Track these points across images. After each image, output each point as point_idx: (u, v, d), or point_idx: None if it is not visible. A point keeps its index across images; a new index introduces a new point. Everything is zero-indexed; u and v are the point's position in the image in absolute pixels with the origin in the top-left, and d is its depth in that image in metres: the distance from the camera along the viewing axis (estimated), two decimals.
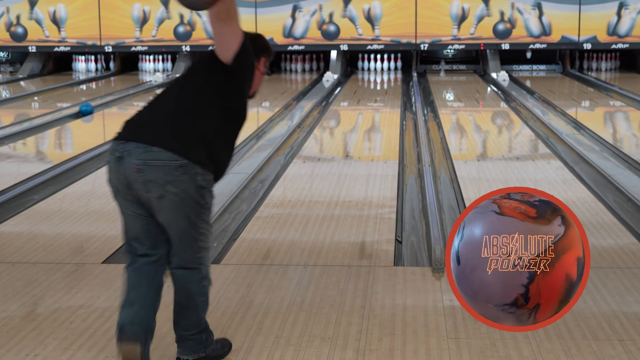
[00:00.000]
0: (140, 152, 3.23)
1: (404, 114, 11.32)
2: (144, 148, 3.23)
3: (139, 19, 16.84)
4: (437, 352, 3.59)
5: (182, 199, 3.23)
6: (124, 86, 15.01)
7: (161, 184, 3.21)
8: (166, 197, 3.23)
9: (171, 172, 3.21)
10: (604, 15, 16.24)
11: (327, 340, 3.71)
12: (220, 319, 3.97)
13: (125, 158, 3.26)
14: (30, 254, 5.07)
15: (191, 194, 3.24)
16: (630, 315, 3.99)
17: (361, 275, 4.58)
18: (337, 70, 16.19)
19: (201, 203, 3.29)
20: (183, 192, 3.22)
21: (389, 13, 16.47)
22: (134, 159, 3.23)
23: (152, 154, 3.21)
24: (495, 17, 16.33)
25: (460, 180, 7.06)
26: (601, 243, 5.25)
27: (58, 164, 7.89)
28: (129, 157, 3.25)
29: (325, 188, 6.88)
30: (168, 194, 3.22)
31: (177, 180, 3.21)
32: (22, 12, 17.05)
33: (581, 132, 9.61)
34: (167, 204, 3.24)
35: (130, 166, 3.24)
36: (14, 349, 3.66)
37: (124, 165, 3.26)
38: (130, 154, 3.24)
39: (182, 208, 3.25)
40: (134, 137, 3.27)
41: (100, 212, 6.09)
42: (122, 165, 3.27)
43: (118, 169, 3.30)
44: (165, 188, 3.21)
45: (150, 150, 3.22)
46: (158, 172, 3.21)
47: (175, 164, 3.21)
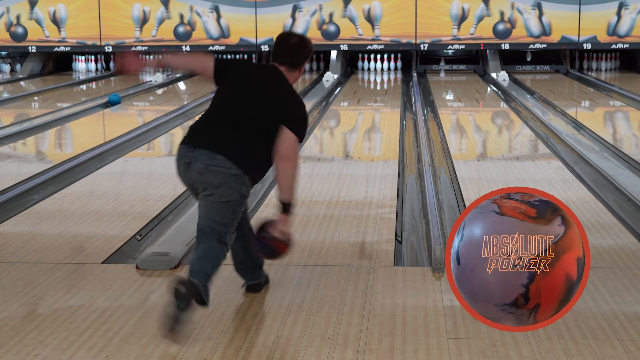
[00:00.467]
0: (206, 158, 3.85)
1: (404, 114, 11.32)
2: (208, 155, 3.86)
3: (139, 19, 16.84)
4: (437, 352, 3.59)
5: (227, 201, 3.87)
6: (124, 86, 15.01)
7: (215, 186, 3.84)
8: (214, 195, 3.85)
9: (226, 178, 3.84)
10: (604, 15, 16.24)
11: (327, 340, 3.71)
12: (220, 319, 3.97)
13: (192, 163, 3.88)
14: (30, 254, 5.07)
15: (236, 199, 3.88)
16: (630, 315, 3.99)
17: (361, 275, 4.58)
18: (337, 70, 16.20)
19: (236, 211, 3.91)
20: (229, 195, 3.86)
21: (389, 13, 16.47)
22: (199, 163, 3.86)
23: (214, 160, 3.85)
24: (495, 17, 16.34)
25: (460, 180, 7.06)
26: (601, 243, 5.25)
27: (58, 164, 7.89)
28: (195, 163, 3.87)
29: (325, 188, 6.88)
30: (217, 194, 3.85)
31: (228, 185, 3.85)
32: (22, 12, 17.05)
33: (581, 132, 9.61)
34: (213, 201, 3.86)
35: (195, 169, 3.88)
36: (14, 349, 3.66)
37: (191, 169, 3.89)
38: (197, 160, 3.87)
39: (223, 207, 3.87)
40: (201, 145, 3.90)
41: (100, 212, 6.09)
42: (189, 169, 3.90)
43: (186, 173, 3.93)
44: (218, 189, 3.84)
45: (214, 157, 3.85)
46: (216, 175, 3.84)
47: (230, 172, 3.84)
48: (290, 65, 4.07)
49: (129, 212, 6.09)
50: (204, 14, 16.67)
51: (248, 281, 4.35)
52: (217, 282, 4.46)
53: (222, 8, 16.60)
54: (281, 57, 4.07)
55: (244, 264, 4.30)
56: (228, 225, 3.90)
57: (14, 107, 12.58)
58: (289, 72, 4.08)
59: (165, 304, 3.82)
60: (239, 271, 4.34)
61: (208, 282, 3.77)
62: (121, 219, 5.88)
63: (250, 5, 16.40)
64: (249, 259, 4.29)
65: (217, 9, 16.59)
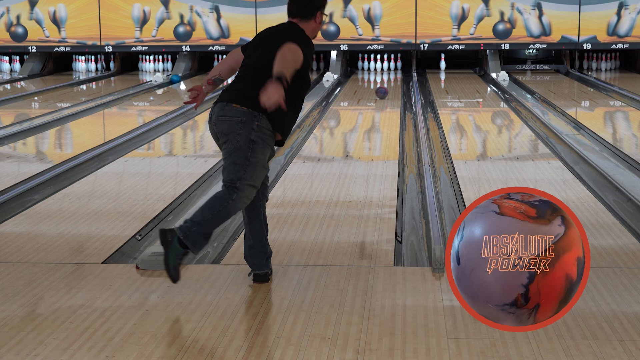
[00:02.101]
0: (218, 110, 4.26)
1: (404, 114, 11.33)
2: (220, 106, 4.26)
3: (139, 19, 16.84)
4: (437, 352, 3.59)
5: (235, 148, 4.17)
6: (124, 86, 15.02)
7: (224, 134, 4.20)
8: (226, 143, 4.20)
9: (233, 126, 4.17)
10: (604, 15, 16.24)
11: (327, 340, 3.71)
12: (220, 319, 3.97)
13: (212, 117, 4.32)
14: (31, 254, 5.07)
15: (244, 144, 4.17)
16: (630, 315, 3.99)
17: (361, 275, 4.58)
18: (337, 70, 16.20)
19: (248, 156, 4.16)
20: (238, 142, 4.16)
21: (388, 13, 16.47)
22: (215, 115, 4.29)
23: (224, 110, 4.22)
24: (495, 17, 16.34)
25: (460, 180, 7.06)
26: (601, 243, 5.25)
27: (58, 164, 7.89)
28: (213, 115, 4.31)
29: (325, 188, 6.88)
30: (227, 142, 4.20)
31: (235, 132, 4.17)
32: (22, 12, 17.06)
33: (581, 132, 9.61)
34: (225, 149, 4.22)
35: (212, 122, 4.27)
36: (14, 349, 3.66)
37: (211, 122, 4.29)
38: (214, 112, 4.30)
39: (234, 154, 4.18)
40: (219, 99, 4.33)
41: (100, 212, 6.09)
42: (210, 122, 4.31)
43: (210, 127, 4.33)
44: (227, 136, 4.19)
45: (224, 108, 4.22)
46: (224, 124, 4.19)
47: (237, 119, 4.17)
48: (302, 16, 4.34)
49: (129, 212, 6.09)
50: (204, 14, 16.67)
51: (255, 270, 4.43)
52: (217, 282, 4.47)
53: (222, 8, 16.60)
54: (293, 11, 4.38)
55: (254, 249, 4.41)
56: (239, 170, 4.15)
57: (14, 107, 12.58)
58: (304, 23, 4.35)
59: None
60: (249, 257, 4.44)
61: (188, 231, 4.14)
62: (121, 219, 5.88)
63: (250, 5, 16.40)
64: (259, 245, 4.40)
65: (217, 9, 16.59)
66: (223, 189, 4.22)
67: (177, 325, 3.90)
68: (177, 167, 7.85)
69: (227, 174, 4.20)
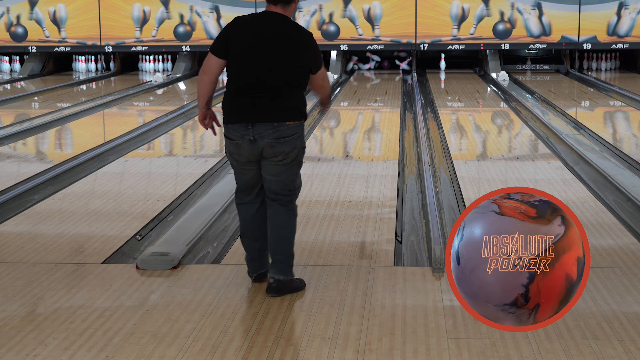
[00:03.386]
0: (272, 132, 4.24)
1: (404, 114, 11.32)
2: (271, 127, 4.25)
3: (139, 19, 16.84)
4: (437, 352, 3.59)
5: (294, 161, 4.35)
6: (124, 86, 15.02)
7: (287, 153, 4.28)
8: (286, 159, 4.29)
9: (293, 142, 4.30)
10: (604, 15, 16.24)
11: (327, 340, 3.71)
12: (220, 319, 3.97)
13: (258, 140, 4.26)
14: (31, 254, 5.07)
15: (301, 154, 4.40)
16: (630, 315, 3.99)
17: (361, 275, 4.58)
18: (337, 70, 16.19)
19: (301, 161, 4.39)
20: (298, 155, 4.36)
21: (389, 13, 16.47)
22: (267, 138, 4.24)
23: (279, 132, 4.25)
24: (495, 17, 16.34)
25: (460, 180, 7.06)
26: (601, 243, 5.25)
27: (58, 164, 7.89)
28: (261, 139, 4.26)
29: (325, 188, 6.88)
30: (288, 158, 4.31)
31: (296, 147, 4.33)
32: (22, 12, 17.05)
33: (581, 132, 9.61)
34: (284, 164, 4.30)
35: (265, 144, 4.25)
36: (14, 349, 3.66)
37: (258, 145, 4.26)
38: (261, 135, 4.23)
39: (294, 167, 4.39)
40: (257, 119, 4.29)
41: (100, 212, 6.09)
42: (256, 144, 4.26)
43: (252, 149, 4.28)
44: (289, 154, 4.30)
45: (278, 129, 4.26)
46: (286, 144, 4.28)
47: (296, 136, 4.31)
48: (284, 2, 4.29)
49: (129, 212, 6.09)
50: (204, 14, 16.67)
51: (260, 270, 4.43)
52: (217, 282, 4.47)
53: (222, 8, 16.60)
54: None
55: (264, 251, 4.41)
56: (294, 180, 4.30)
57: (14, 107, 12.58)
58: (285, 8, 4.30)
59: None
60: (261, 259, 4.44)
61: (291, 267, 4.27)
62: (121, 219, 5.88)
63: (249, 5, 16.40)
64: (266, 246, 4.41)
65: (217, 9, 16.59)
66: (279, 203, 4.27)
67: (177, 325, 3.90)
68: (177, 167, 7.85)
69: (282, 185, 4.27)
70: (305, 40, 4.34)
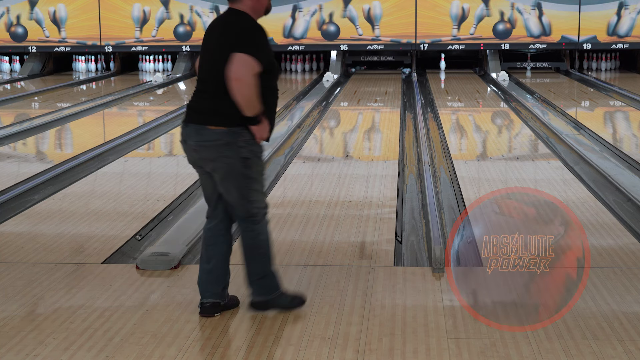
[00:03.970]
0: (194, 134, 3.95)
1: (404, 114, 11.32)
2: (195, 129, 3.95)
3: (139, 19, 16.84)
4: (437, 352, 3.59)
5: (230, 172, 3.93)
6: (124, 86, 15.01)
7: (212, 160, 3.95)
8: (217, 171, 3.97)
9: (218, 149, 3.92)
10: (604, 15, 16.24)
11: (327, 340, 3.71)
12: (220, 318, 3.97)
13: (187, 141, 4.00)
14: (31, 254, 5.07)
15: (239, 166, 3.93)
16: (630, 315, 3.99)
17: (361, 275, 4.58)
18: (337, 70, 16.20)
19: (247, 174, 3.93)
20: (230, 165, 3.92)
21: (389, 13, 16.47)
22: (191, 140, 3.97)
23: (202, 136, 3.92)
24: (495, 17, 16.33)
25: (460, 180, 7.06)
26: (601, 243, 5.25)
27: (58, 164, 7.89)
28: (189, 140, 3.99)
29: (325, 188, 6.88)
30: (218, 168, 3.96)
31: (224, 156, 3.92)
32: (22, 12, 17.05)
33: (581, 132, 9.61)
34: (220, 177, 3.97)
35: (192, 148, 4.00)
36: (14, 349, 3.66)
37: (189, 148, 4.01)
38: (189, 137, 3.97)
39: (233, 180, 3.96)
40: (188, 119, 4.00)
41: (100, 212, 6.09)
42: (187, 147, 4.02)
43: (187, 152, 4.03)
44: (216, 163, 3.95)
45: (201, 132, 3.93)
46: (209, 150, 3.95)
47: (220, 142, 3.89)
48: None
49: (129, 212, 6.09)
50: (204, 14, 16.67)
51: (206, 299, 4.03)
52: None
53: (222, 8, 16.59)
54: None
55: (213, 275, 4.03)
56: (246, 196, 3.88)
57: (14, 107, 12.58)
58: (243, 5, 3.93)
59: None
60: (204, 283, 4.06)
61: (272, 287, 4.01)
62: (121, 219, 5.88)
63: None
64: (219, 270, 4.04)
65: (217, 9, 16.59)
66: (239, 225, 3.95)
67: (177, 325, 3.90)
68: (177, 167, 7.85)
69: (237, 209, 3.92)
70: (232, 31, 3.87)
